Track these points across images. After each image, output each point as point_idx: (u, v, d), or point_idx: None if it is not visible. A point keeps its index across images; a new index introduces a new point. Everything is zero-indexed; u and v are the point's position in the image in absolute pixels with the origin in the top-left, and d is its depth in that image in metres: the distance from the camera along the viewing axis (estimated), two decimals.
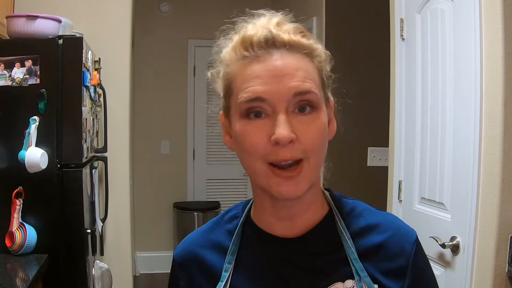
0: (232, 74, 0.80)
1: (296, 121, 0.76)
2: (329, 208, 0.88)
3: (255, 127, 0.76)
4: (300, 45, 0.79)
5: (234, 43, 0.81)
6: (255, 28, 0.80)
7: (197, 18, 4.74)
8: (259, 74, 0.76)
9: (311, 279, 0.82)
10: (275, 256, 0.85)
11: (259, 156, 0.77)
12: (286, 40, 0.78)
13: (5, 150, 2.23)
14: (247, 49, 0.78)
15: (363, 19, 3.31)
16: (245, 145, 0.77)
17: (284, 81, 0.75)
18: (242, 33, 0.81)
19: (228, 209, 0.94)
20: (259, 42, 0.78)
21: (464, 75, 1.82)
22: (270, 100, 0.75)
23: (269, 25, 0.79)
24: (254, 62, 0.78)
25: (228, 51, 0.82)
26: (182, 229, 4.65)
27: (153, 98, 4.79)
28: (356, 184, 3.15)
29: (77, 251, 2.32)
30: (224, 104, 0.84)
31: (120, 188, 3.05)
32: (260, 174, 0.78)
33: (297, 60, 0.78)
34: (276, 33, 0.78)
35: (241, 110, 0.78)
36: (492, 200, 1.68)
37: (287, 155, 0.75)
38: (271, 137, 0.75)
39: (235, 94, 0.80)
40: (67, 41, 2.30)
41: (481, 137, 1.73)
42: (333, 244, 0.84)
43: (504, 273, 1.67)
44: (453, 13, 1.90)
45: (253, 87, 0.76)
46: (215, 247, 0.89)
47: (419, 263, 0.84)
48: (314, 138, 0.77)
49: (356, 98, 3.48)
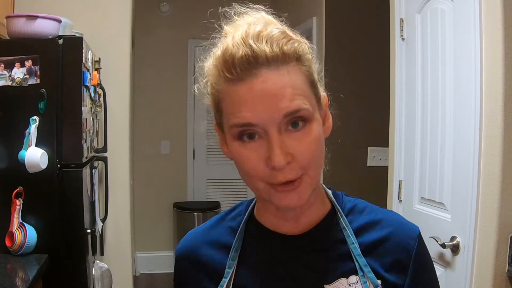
0: (219, 94, 0.79)
1: (290, 139, 0.75)
2: (331, 206, 0.88)
3: (251, 151, 0.76)
4: (285, 56, 0.75)
5: (216, 62, 0.78)
6: (235, 44, 0.75)
7: (197, 18, 4.71)
8: (246, 98, 0.74)
9: (315, 275, 0.83)
10: (279, 253, 0.85)
11: (259, 179, 0.77)
12: (268, 55, 0.74)
13: (5, 150, 2.23)
14: (230, 71, 0.75)
15: (363, 19, 3.31)
16: (244, 169, 0.78)
17: (272, 104, 0.73)
18: (222, 50, 0.77)
19: (232, 207, 0.94)
20: (240, 63, 0.74)
21: (464, 75, 1.82)
22: (261, 124, 0.74)
23: (248, 38, 0.75)
24: (239, 85, 0.75)
25: (211, 69, 0.79)
26: (182, 229, 4.65)
27: (153, 98, 4.79)
28: (356, 184, 3.16)
29: (77, 251, 2.32)
30: (217, 118, 0.83)
31: (120, 188, 3.05)
32: (262, 191, 0.79)
33: (282, 77, 0.75)
34: (257, 50, 0.74)
35: (233, 133, 0.77)
36: (492, 200, 1.68)
37: (286, 176, 0.75)
38: (267, 161, 0.75)
39: (225, 114, 0.78)
40: (67, 41, 2.30)
41: (481, 137, 1.73)
42: (336, 240, 0.85)
43: (504, 273, 1.67)
44: (453, 13, 1.90)
45: (241, 112, 0.74)
46: (217, 245, 0.89)
47: (421, 258, 0.85)
48: (310, 152, 0.76)
49: (356, 98, 3.50)
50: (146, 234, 4.78)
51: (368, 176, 3.33)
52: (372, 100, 3.22)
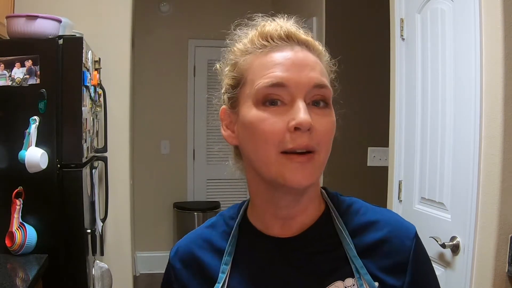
0: (246, 64, 0.81)
1: (312, 113, 0.77)
2: (325, 207, 0.87)
3: (272, 113, 0.77)
4: (316, 46, 0.83)
5: (252, 36, 0.83)
6: (274, 25, 0.82)
7: (197, 18, 4.74)
8: (281, 61, 0.78)
9: (310, 278, 0.81)
10: (273, 257, 0.84)
11: (275, 142, 0.76)
12: (304, 38, 0.82)
13: (5, 150, 2.23)
14: (267, 39, 0.80)
15: (363, 19, 3.31)
16: (260, 132, 0.77)
17: (305, 71, 0.77)
18: (260, 28, 0.83)
19: (224, 211, 0.93)
20: (279, 35, 0.80)
21: (464, 75, 1.82)
22: (291, 87, 0.76)
23: (287, 24, 0.82)
24: (275, 51, 0.80)
25: (245, 43, 0.83)
26: (182, 229, 4.64)
27: (153, 98, 4.79)
28: (356, 184, 3.16)
29: (77, 251, 2.32)
30: (231, 96, 0.83)
31: (120, 188, 3.05)
32: (272, 163, 0.77)
33: (313, 57, 0.81)
34: (296, 31, 0.82)
35: (257, 97, 0.78)
36: (492, 200, 1.68)
37: (305, 141, 0.75)
38: (288, 124, 0.75)
39: (249, 82, 0.80)
40: (67, 41, 2.30)
41: (481, 137, 1.73)
42: (332, 242, 0.83)
43: (504, 273, 1.67)
44: (453, 13, 1.90)
45: (274, 73, 0.77)
46: (211, 249, 0.88)
47: (419, 258, 0.84)
48: (327, 131, 0.78)
49: (356, 98, 3.50)
50: (146, 234, 4.78)
51: (368, 176, 3.33)
52: (372, 100, 3.22)
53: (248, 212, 0.89)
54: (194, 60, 4.91)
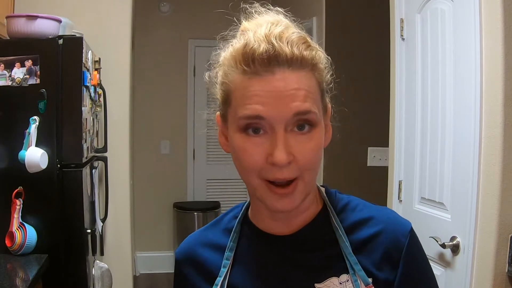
0: (231, 84, 0.80)
1: (294, 140, 0.76)
2: (323, 205, 0.89)
3: (253, 145, 0.77)
4: (303, 60, 0.77)
5: (234, 52, 0.79)
6: (257, 39, 0.76)
7: (197, 18, 4.74)
8: (259, 93, 0.75)
9: (306, 274, 0.83)
10: (272, 253, 0.86)
11: (255, 172, 0.78)
12: (288, 56, 0.76)
13: (5, 150, 2.23)
14: (248, 64, 0.76)
15: (363, 19, 3.31)
16: (243, 161, 0.78)
17: (284, 101, 0.75)
18: (242, 43, 0.78)
19: (228, 210, 0.96)
20: (261, 59, 0.75)
21: (464, 75, 1.82)
22: (269, 119, 0.75)
23: (271, 36, 0.76)
24: (255, 79, 0.76)
25: (228, 59, 0.80)
26: (182, 229, 4.65)
27: (153, 98, 4.79)
28: (356, 184, 3.15)
29: (77, 251, 2.32)
30: (222, 109, 0.84)
31: (120, 188, 3.05)
32: (256, 188, 0.79)
33: (298, 79, 0.76)
34: (279, 49, 0.76)
35: (239, 125, 0.78)
36: (492, 200, 1.68)
37: (284, 174, 0.76)
38: (268, 157, 0.76)
39: (233, 107, 0.79)
40: (67, 41, 2.30)
41: (481, 137, 1.73)
42: (328, 239, 0.85)
43: (504, 273, 1.67)
44: (453, 13, 1.90)
45: (252, 105, 0.76)
46: (213, 246, 0.91)
47: (413, 254, 0.84)
48: (310, 157, 0.78)
49: (356, 98, 3.50)
50: (146, 234, 4.78)
51: (368, 176, 3.33)
52: (372, 100, 3.22)
53: (249, 211, 0.92)
54: (194, 60, 4.91)
